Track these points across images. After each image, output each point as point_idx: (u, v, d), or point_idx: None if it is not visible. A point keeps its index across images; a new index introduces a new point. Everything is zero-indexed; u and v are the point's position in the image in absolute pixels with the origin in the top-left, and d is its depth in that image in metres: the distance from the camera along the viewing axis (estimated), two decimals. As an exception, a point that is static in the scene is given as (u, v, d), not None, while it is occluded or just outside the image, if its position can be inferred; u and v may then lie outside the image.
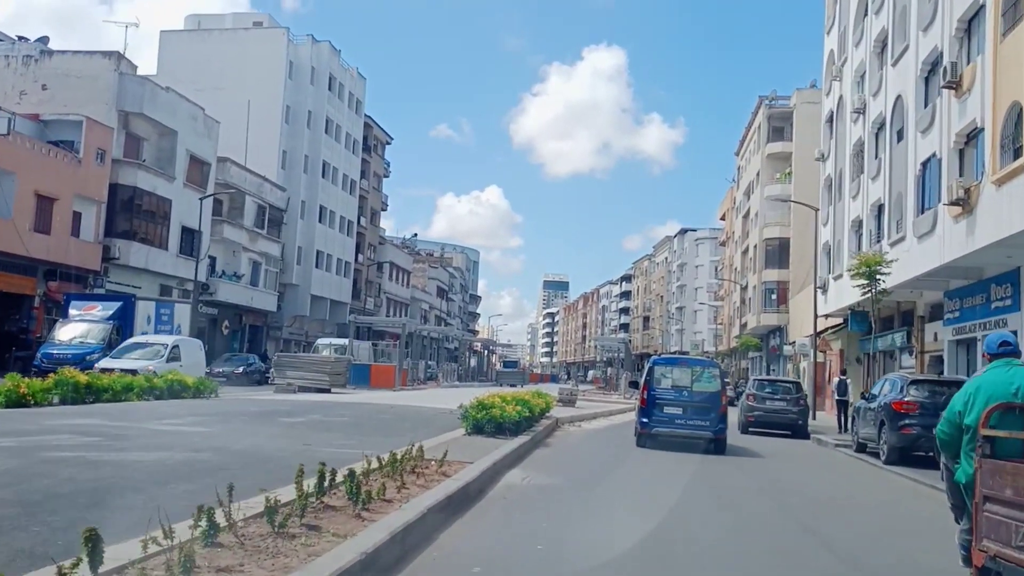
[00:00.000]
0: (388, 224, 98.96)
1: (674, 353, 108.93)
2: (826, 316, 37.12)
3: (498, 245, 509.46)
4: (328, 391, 27.80)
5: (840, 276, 33.89)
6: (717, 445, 16.09)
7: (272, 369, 28.62)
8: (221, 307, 45.80)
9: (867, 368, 37.58)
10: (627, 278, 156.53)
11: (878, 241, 28.99)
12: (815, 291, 34.39)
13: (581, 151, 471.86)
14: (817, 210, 35.63)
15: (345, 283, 59.74)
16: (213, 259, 45.41)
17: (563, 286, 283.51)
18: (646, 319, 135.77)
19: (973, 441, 5.04)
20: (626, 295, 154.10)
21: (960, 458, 5.32)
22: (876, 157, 29.51)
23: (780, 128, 58.29)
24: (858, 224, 31.74)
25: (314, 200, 54.62)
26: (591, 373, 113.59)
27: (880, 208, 28.92)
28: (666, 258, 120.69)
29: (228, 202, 47.01)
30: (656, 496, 9.84)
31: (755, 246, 59.82)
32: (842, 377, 27.76)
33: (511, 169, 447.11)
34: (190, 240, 41.93)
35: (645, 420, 16.47)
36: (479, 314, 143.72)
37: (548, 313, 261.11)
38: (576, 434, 18.39)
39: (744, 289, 64.52)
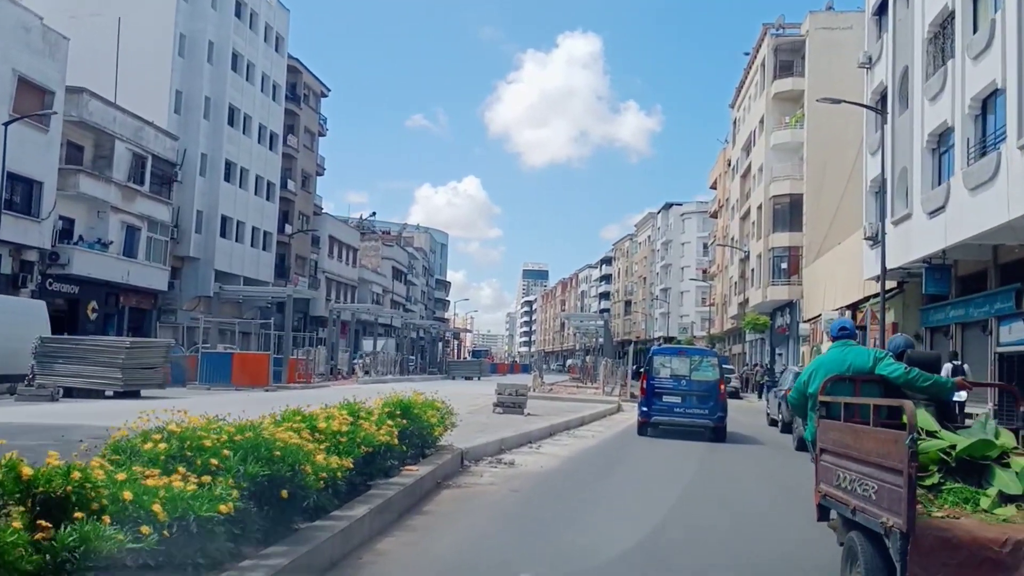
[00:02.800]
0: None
1: (658, 339, 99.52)
2: (880, 277, 27.17)
3: (477, 236, 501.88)
4: (135, 394, 17.48)
5: (906, 218, 23.89)
6: (716, 433, 16.22)
7: (33, 363, 18.05)
8: (83, 284, 35.19)
9: (930, 348, 27.78)
10: (607, 261, 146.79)
11: (983, 153, 19.02)
12: (882, 243, 24.24)
13: (558, 140, 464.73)
14: (883, 113, 25.30)
15: (265, 258, 49.18)
16: (69, 221, 34.91)
17: (543, 275, 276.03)
18: (628, 303, 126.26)
19: (815, 406, 5.72)
20: (606, 279, 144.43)
21: (807, 419, 6.08)
22: (975, 30, 19.53)
23: (789, 63, 48.34)
24: (940, 136, 21.75)
25: (218, 153, 44.01)
26: (569, 362, 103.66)
27: (988, 101, 18.91)
28: (649, 236, 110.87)
29: (92, 148, 36.38)
30: None
31: (759, 207, 49.90)
32: (956, 363, 17.60)
33: (488, 159, 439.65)
34: (28, 193, 31.56)
35: (645, 409, 16.77)
36: (448, 301, 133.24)
37: (526, 301, 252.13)
38: (482, 504, 8.05)
39: (745, 260, 54.63)
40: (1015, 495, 4.41)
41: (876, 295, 29.29)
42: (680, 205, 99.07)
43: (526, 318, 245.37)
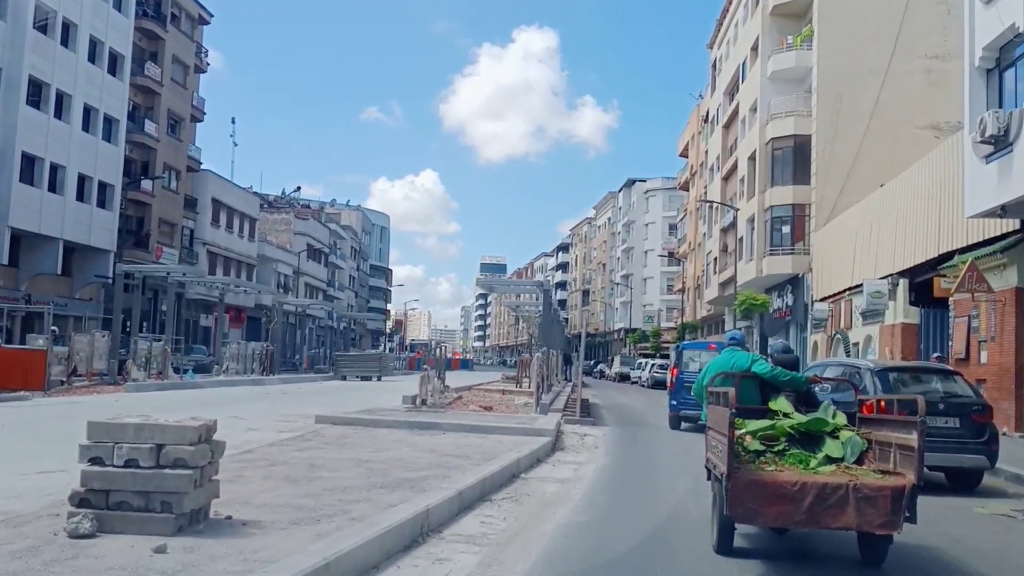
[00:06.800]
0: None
1: (619, 331, 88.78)
2: (1002, 211, 16.08)
3: (435, 231, 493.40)
4: None
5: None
6: None
7: None
8: None
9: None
10: (564, 248, 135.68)
11: None
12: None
13: (515, 135, 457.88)
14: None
15: (101, 217, 36.75)
16: None
17: (501, 269, 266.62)
18: (585, 293, 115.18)
19: (706, 396, 7.25)
20: (563, 267, 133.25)
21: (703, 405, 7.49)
22: None
23: (791, -31, 37.29)
24: None
25: (18, 67, 31.65)
26: (525, 356, 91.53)
27: None
28: (609, 218, 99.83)
29: None
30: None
31: (750, 157, 38.86)
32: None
33: (445, 153, 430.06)
34: None
35: (674, 403, 17.61)
36: (390, 290, 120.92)
37: (481, 294, 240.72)
38: None
39: (729, 229, 43.53)
40: (837, 458, 6.02)
41: (980, 244, 18.21)
42: (644, 182, 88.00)
43: (481, 311, 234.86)
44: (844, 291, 27.99)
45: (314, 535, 4.89)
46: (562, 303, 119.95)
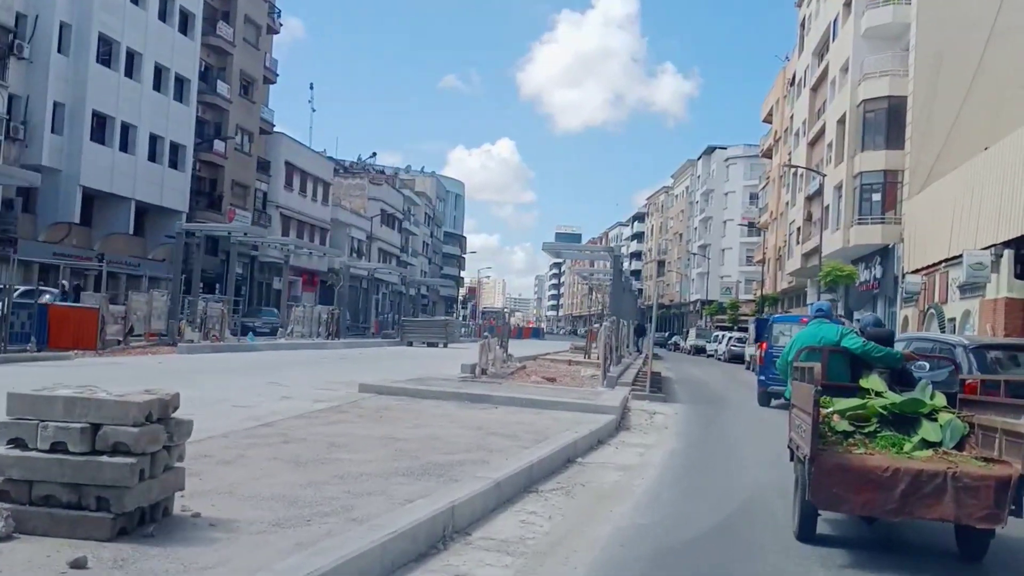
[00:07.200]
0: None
1: (694, 303, 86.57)
2: None
3: (511, 200, 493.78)
4: None
5: None
6: None
7: None
8: None
9: None
10: (639, 217, 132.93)
11: None
12: None
13: (593, 103, 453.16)
14: None
15: (173, 178, 36.70)
16: None
17: (575, 238, 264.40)
18: (661, 264, 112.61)
19: (791, 372, 6.74)
20: (638, 237, 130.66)
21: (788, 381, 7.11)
22: None
23: (891, -88, 34.53)
24: None
25: (88, 24, 31.54)
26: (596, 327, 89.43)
27: None
28: (687, 187, 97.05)
29: None
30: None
31: (840, 120, 36.50)
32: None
33: (523, 122, 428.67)
34: None
35: (763, 378, 16.91)
36: (463, 257, 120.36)
37: (554, 263, 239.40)
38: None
39: (814, 197, 41.22)
40: (935, 442, 5.46)
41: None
42: (724, 149, 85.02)
43: (554, 280, 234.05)
44: (940, 263, 25.89)
45: (294, 543, 3.87)
46: (636, 274, 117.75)
